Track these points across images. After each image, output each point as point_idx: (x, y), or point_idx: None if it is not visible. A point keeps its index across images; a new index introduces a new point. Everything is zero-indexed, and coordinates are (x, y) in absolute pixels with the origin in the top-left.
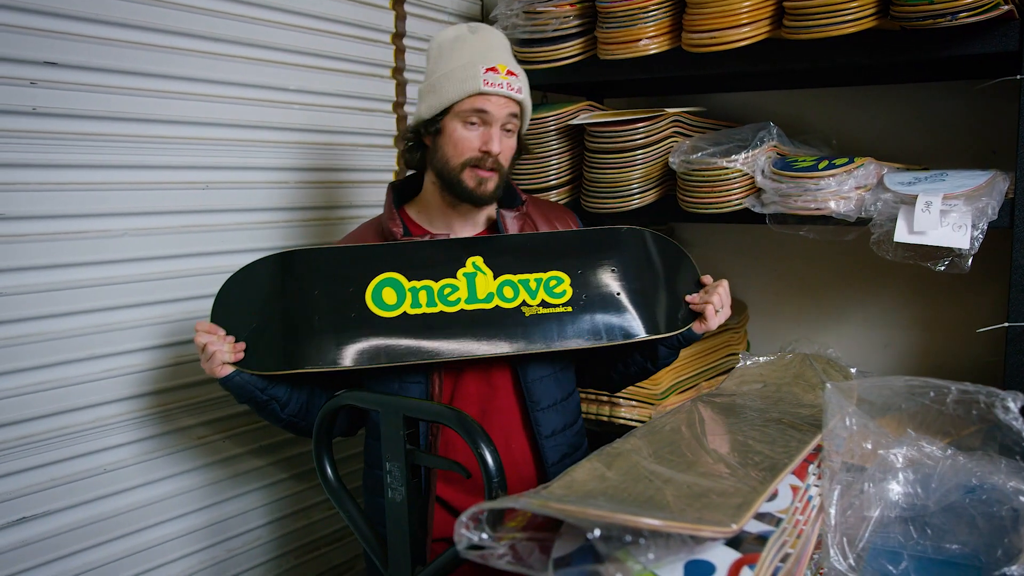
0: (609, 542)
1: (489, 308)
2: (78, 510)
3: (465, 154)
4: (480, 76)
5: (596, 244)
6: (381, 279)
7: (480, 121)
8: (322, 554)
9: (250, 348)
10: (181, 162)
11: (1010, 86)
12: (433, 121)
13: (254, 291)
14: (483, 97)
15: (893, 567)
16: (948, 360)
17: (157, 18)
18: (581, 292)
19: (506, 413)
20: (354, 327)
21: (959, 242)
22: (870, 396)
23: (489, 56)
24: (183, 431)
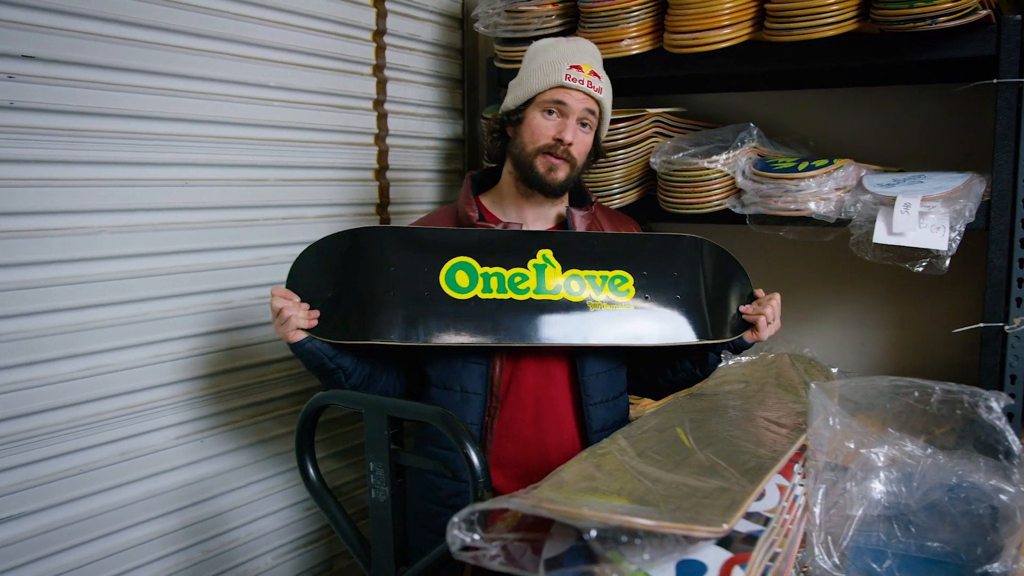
0: (604, 543)
1: (557, 299)
2: (52, 512)
3: (540, 140)
4: (563, 70)
5: (659, 249)
6: (455, 262)
7: (558, 112)
8: (300, 555)
9: (322, 317)
10: (159, 158)
11: (986, 90)
12: (516, 111)
13: (329, 263)
14: (563, 89)
15: (877, 565)
16: (923, 360)
17: (136, 13)
18: (643, 292)
19: (560, 404)
20: (426, 304)
21: (937, 243)
22: (854, 396)
23: (576, 56)
24: (158, 432)
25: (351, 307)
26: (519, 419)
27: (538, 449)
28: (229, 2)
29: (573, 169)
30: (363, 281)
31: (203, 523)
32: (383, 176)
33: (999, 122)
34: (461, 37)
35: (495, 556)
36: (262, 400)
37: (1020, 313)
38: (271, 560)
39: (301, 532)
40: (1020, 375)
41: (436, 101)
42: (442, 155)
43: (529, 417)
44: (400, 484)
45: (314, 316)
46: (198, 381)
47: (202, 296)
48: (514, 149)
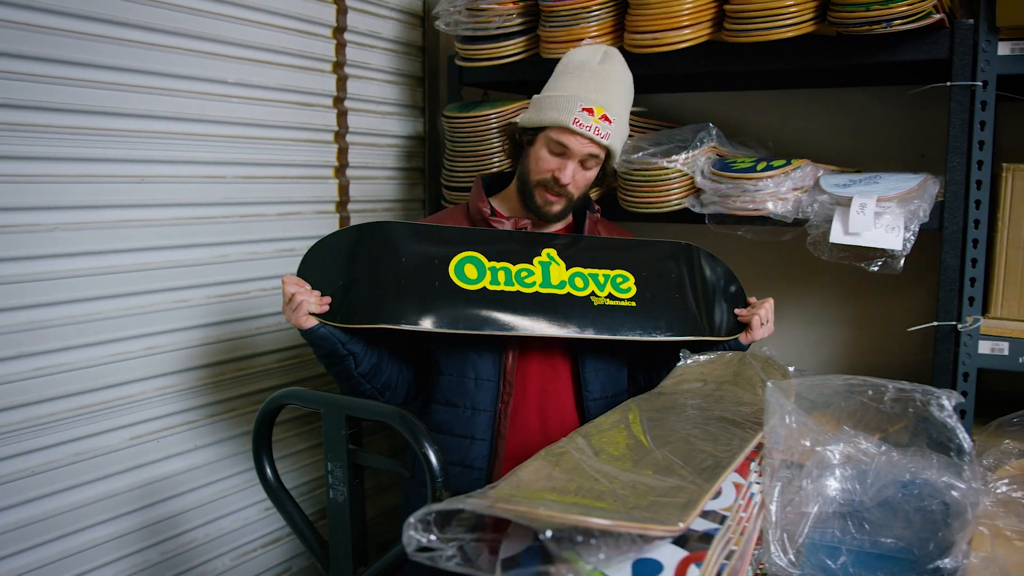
0: (560, 542)
1: (562, 294)
2: (4, 514)
3: (541, 174)
4: (574, 113)
5: (657, 252)
6: (464, 255)
7: (561, 152)
8: (259, 555)
9: (334, 303)
10: (114, 155)
11: (940, 92)
12: (527, 131)
13: (341, 254)
14: (568, 133)
15: (832, 562)
16: (879, 358)
17: (89, 6)
18: (644, 291)
19: (563, 397)
20: (437, 293)
21: (892, 243)
22: (810, 394)
23: (594, 95)
24: (113, 432)
25: (364, 293)
26: (524, 409)
27: (543, 440)
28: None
29: (570, 202)
30: (376, 269)
31: (160, 524)
32: (343, 174)
33: (952, 124)
34: (422, 35)
35: (451, 557)
36: (219, 399)
37: (972, 312)
38: (229, 561)
39: (261, 533)
40: (972, 373)
41: (397, 99)
42: (402, 153)
43: (534, 408)
44: (358, 484)
45: (325, 302)
46: (154, 380)
47: (158, 295)
48: (521, 168)
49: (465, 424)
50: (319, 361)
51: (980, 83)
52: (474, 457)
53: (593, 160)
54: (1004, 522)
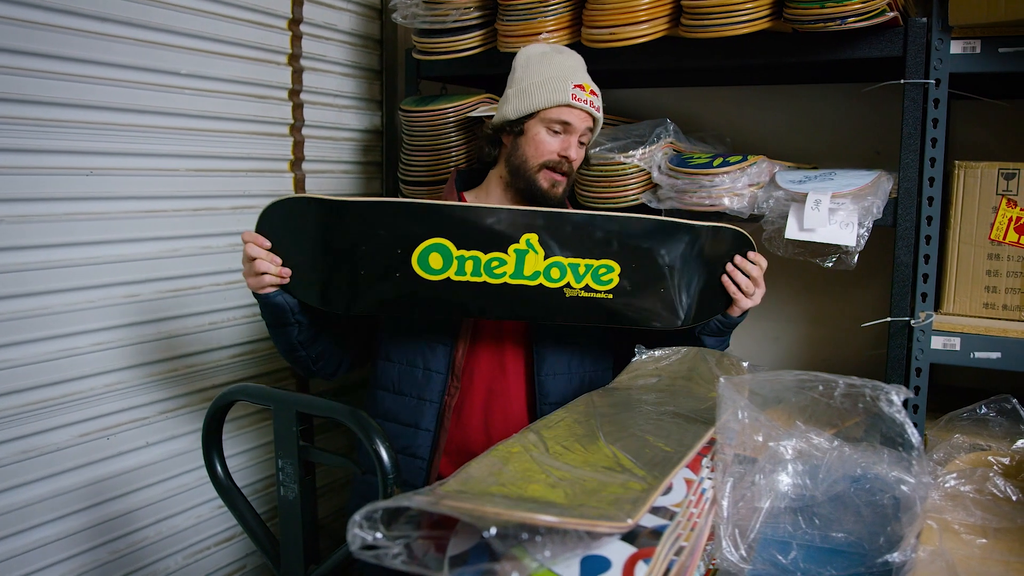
0: (504, 540)
1: (533, 285)
2: None
3: (544, 156)
4: (569, 90)
5: (656, 234)
6: (430, 243)
7: (563, 130)
8: (212, 553)
9: (293, 276)
10: (62, 146)
11: (894, 90)
12: (517, 122)
13: (301, 225)
14: (569, 109)
15: (782, 556)
16: (835, 353)
17: None
18: (626, 282)
19: (511, 398)
20: (396, 285)
21: (846, 239)
22: (761, 390)
23: (577, 74)
24: (62, 429)
25: (319, 276)
26: (469, 406)
27: (484, 439)
28: None
29: (570, 182)
30: (334, 256)
31: (111, 522)
32: (299, 167)
33: (905, 121)
34: (380, 27)
35: (397, 555)
36: (171, 396)
37: (925, 308)
38: (182, 560)
39: (214, 531)
40: (925, 368)
41: (353, 92)
42: (359, 147)
43: (479, 406)
44: (309, 481)
45: (286, 274)
46: (104, 376)
47: (108, 289)
48: (514, 159)
49: (411, 413)
50: (263, 318)
51: (933, 81)
52: (418, 446)
53: (588, 135)
54: (952, 516)
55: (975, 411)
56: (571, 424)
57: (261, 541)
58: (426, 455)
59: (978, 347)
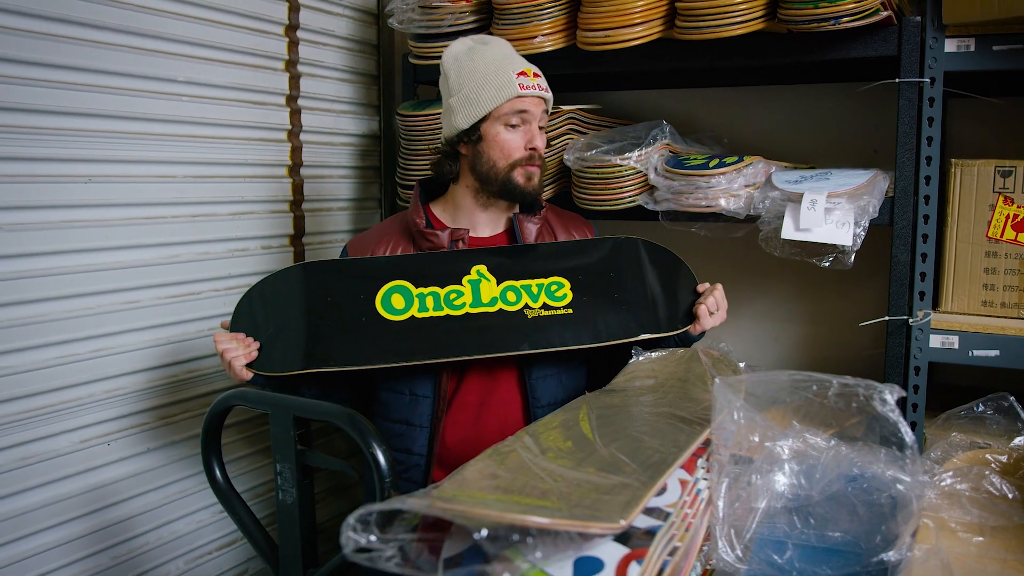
0: (496, 542)
1: (493, 311)
2: None
3: (513, 155)
4: (514, 81)
5: (594, 252)
6: (390, 286)
7: (521, 121)
8: (213, 558)
9: (269, 351)
10: (61, 154)
11: (892, 89)
12: (472, 130)
13: (270, 301)
14: (521, 99)
15: (778, 556)
16: (834, 352)
17: (35, 3)
18: (581, 295)
19: (508, 407)
20: (364, 330)
21: (842, 239)
22: (756, 390)
23: (515, 62)
24: (62, 435)
25: (292, 338)
26: (462, 421)
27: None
28: None
29: (543, 170)
30: (302, 313)
31: (111, 528)
32: (297, 173)
33: (901, 120)
34: (376, 33)
35: (390, 557)
36: (170, 402)
37: (923, 306)
38: (183, 565)
39: (214, 536)
40: (923, 366)
41: (351, 97)
42: (357, 151)
43: (471, 419)
44: (307, 485)
45: (254, 348)
46: (104, 383)
47: (107, 296)
48: (480, 167)
49: (402, 439)
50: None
51: (928, 80)
52: (412, 468)
53: (544, 117)
54: (948, 514)
55: (973, 409)
56: (567, 426)
57: (260, 545)
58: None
59: (977, 345)
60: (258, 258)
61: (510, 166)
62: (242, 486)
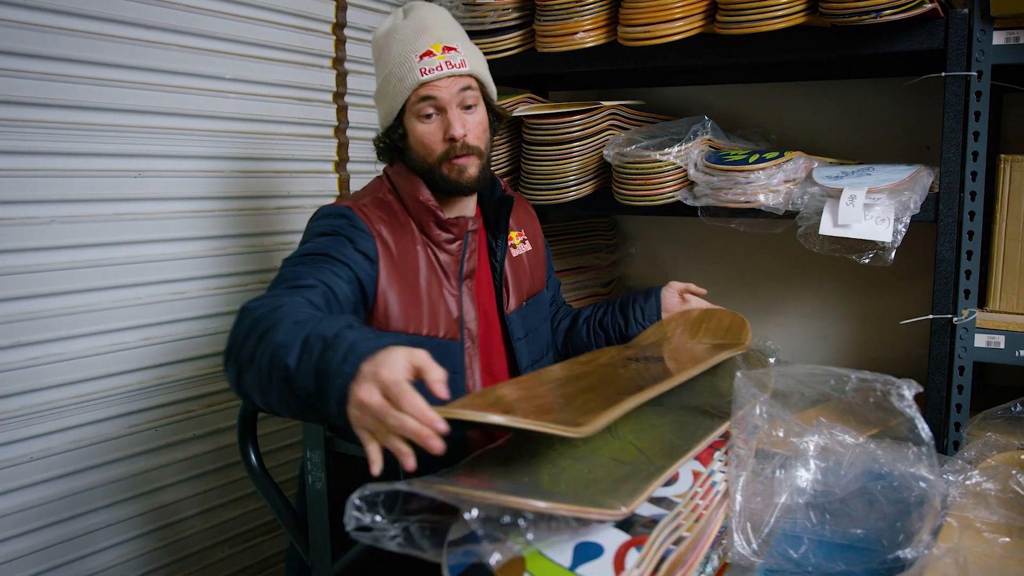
0: (487, 523)
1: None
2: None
3: (435, 149)
4: (415, 67)
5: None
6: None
7: (434, 109)
8: (258, 543)
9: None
10: (112, 150)
11: (942, 83)
12: (395, 127)
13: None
14: (425, 86)
15: (794, 551)
16: (882, 352)
17: (87, 4)
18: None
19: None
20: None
21: (882, 235)
22: (779, 385)
23: (420, 41)
24: (112, 420)
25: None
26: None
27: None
28: None
29: (482, 157)
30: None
31: (157, 511)
32: (343, 168)
33: (947, 115)
34: None
35: (394, 537)
36: (217, 390)
37: (968, 305)
38: (228, 549)
39: (260, 521)
40: (968, 366)
41: None
42: None
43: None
44: (337, 471)
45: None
46: (152, 371)
47: (155, 287)
48: (412, 162)
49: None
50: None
51: (975, 73)
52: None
53: (471, 95)
54: (974, 514)
55: (1010, 409)
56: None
57: (292, 528)
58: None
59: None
60: None
61: (435, 162)
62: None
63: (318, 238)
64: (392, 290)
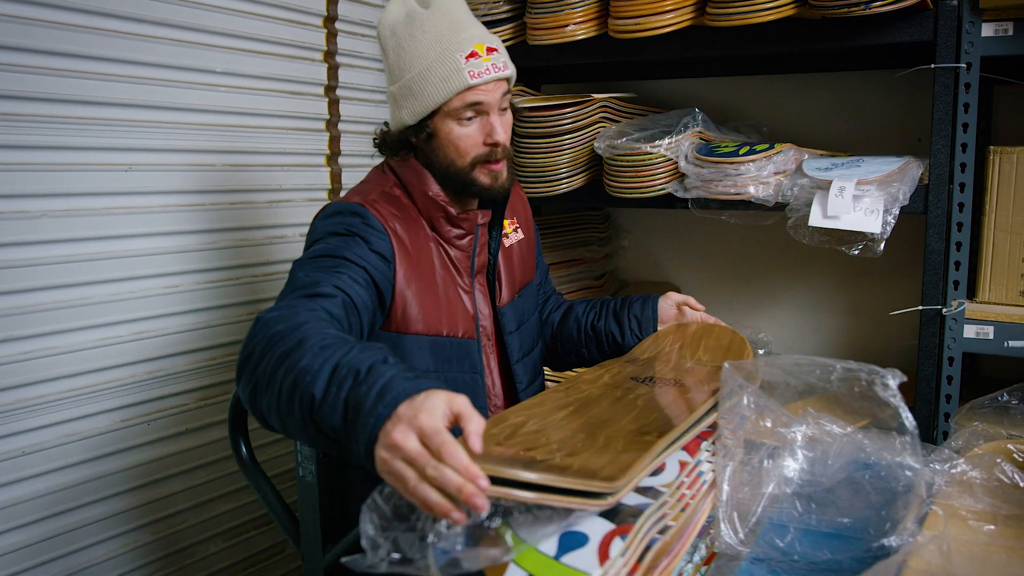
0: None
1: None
2: None
3: (471, 152)
4: (463, 69)
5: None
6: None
7: (476, 113)
8: (252, 537)
9: None
10: (102, 143)
11: (930, 74)
12: (420, 126)
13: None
14: (472, 90)
15: (781, 540)
16: (874, 343)
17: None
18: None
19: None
20: None
21: (871, 226)
22: (764, 376)
23: (461, 38)
24: (104, 414)
25: None
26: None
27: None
28: None
29: (510, 160)
30: None
31: (150, 505)
32: (335, 162)
33: (936, 107)
34: None
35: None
36: (209, 384)
37: (957, 296)
38: (222, 542)
39: (253, 514)
40: (957, 357)
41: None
42: None
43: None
44: (326, 463)
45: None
46: (145, 364)
47: (147, 280)
48: (437, 163)
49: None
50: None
51: (964, 65)
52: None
53: (507, 98)
54: (960, 502)
55: (997, 399)
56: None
57: (283, 521)
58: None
59: (1012, 335)
60: (296, 245)
61: (470, 165)
62: (277, 468)
63: (331, 238)
64: (410, 290)
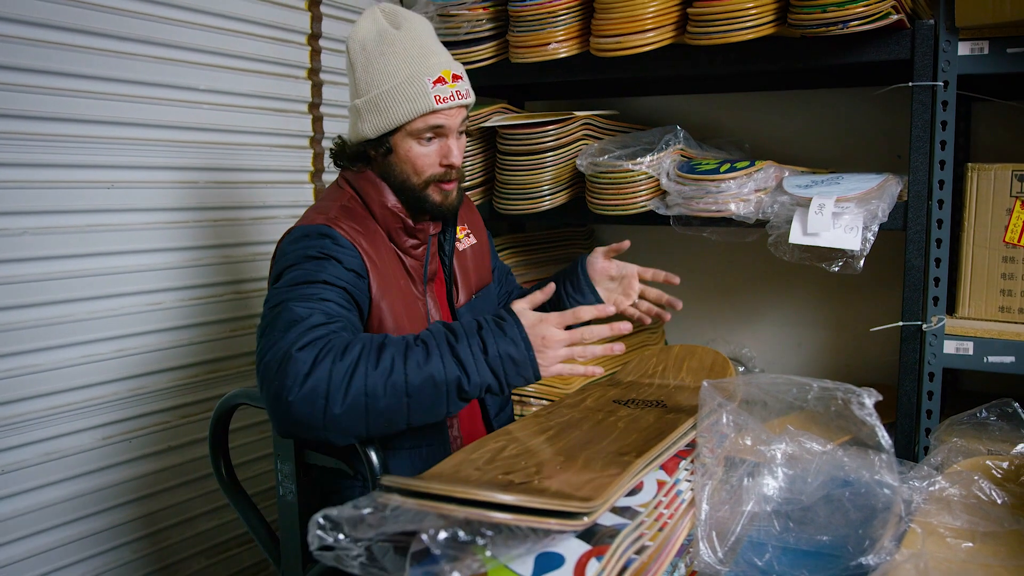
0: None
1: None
2: None
3: (427, 171)
4: (429, 92)
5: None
6: None
7: (436, 135)
8: (234, 554)
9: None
10: (84, 161)
11: (909, 93)
12: (380, 141)
13: None
14: (436, 114)
15: (759, 559)
16: (856, 359)
17: (61, 15)
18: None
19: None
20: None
21: (850, 243)
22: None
23: (429, 63)
24: (86, 432)
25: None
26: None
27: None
28: (157, 6)
29: (461, 180)
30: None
31: (132, 523)
32: (319, 178)
33: (914, 124)
34: None
35: (357, 556)
36: (192, 401)
37: (937, 312)
38: (204, 560)
39: (235, 532)
40: (938, 372)
41: None
42: None
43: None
44: (307, 482)
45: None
46: (126, 382)
47: (129, 298)
48: (393, 177)
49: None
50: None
51: (941, 83)
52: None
53: (464, 124)
54: (938, 519)
55: (976, 415)
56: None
57: (263, 539)
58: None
59: (992, 351)
60: None
61: (424, 183)
62: (258, 486)
63: (306, 262)
64: (385, 300)
